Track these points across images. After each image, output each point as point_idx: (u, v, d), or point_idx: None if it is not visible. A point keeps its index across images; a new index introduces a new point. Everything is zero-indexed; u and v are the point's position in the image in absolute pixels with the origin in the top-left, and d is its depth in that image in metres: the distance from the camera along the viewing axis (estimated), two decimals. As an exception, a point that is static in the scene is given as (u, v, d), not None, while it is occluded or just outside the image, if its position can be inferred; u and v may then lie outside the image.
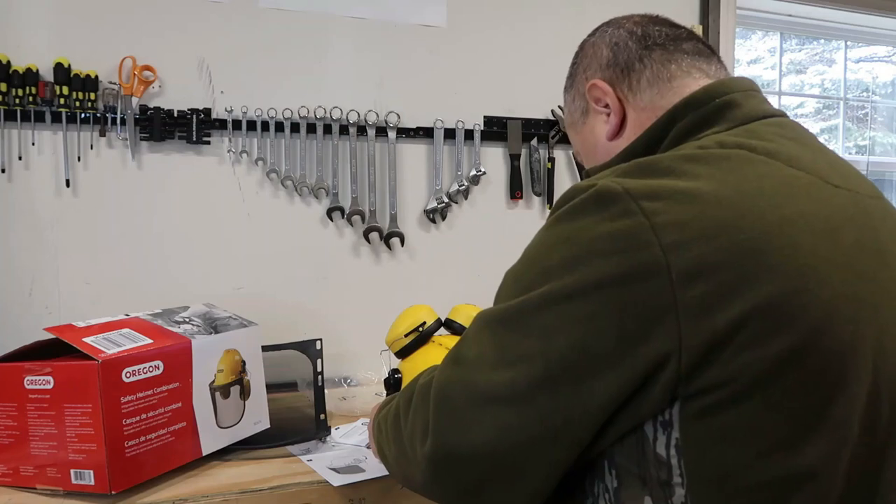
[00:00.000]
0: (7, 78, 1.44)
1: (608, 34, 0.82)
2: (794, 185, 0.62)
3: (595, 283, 0.58)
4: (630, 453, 0.62)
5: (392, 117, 1.72)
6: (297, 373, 1.45)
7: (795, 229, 0.59)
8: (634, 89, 0.77)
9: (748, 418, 0.57)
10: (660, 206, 0.58)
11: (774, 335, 0.56)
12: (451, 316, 1.27)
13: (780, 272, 0.57)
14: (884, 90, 2.65)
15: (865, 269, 0.61)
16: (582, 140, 0.85)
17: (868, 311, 0.60)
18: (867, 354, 0.60)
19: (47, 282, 1.51)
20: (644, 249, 0.56)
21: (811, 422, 0.58)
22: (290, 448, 1.15)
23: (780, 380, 0.56)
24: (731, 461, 0.58)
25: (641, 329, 0.56)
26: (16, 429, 0.97)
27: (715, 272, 0.56)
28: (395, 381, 1.21)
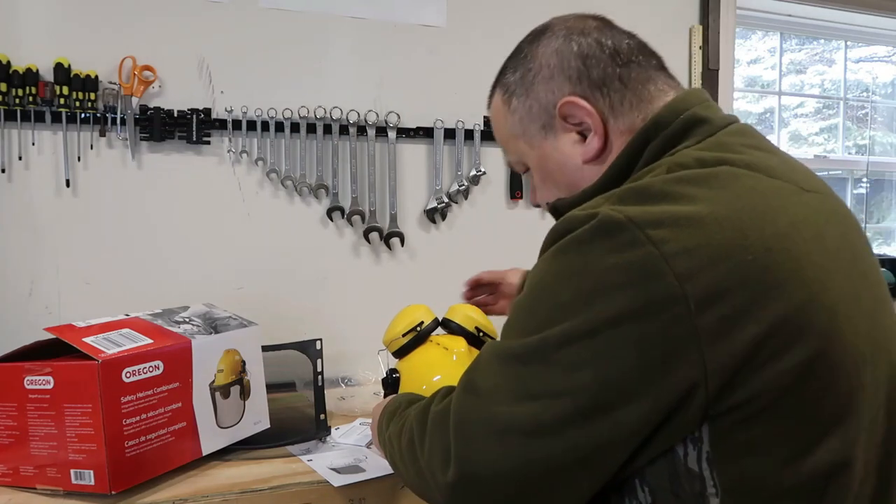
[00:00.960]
0: (7, 78, 1.44)
1: (574, 42, 0.78)
2: (779, 196, 0.64)
3: (615, 318, 0.58)
4: (661, 471, 0.63)
5: (392, 117, 1.72)
6: (295, 373, 1.45)
7: (791, 241, 0.61)
8: (617, 112, 0.75)
9: (775, 427, 0.58)
10: (665, 233, 0.58)
11: (791, 347, 0.58)
12: (448, 315, 1.27)
13: (787, 288, 0.58)
14: (883, 90, 2.65)
15: (847, 266, 0.64)
16: (539, 155, 0.80)
17: (856, 305, 0.63)
18: (863, 350, 0.62)
19: (47, 282, 1.51)
20: (659, 280, 0.57)
21: (828, 422, 0.60)
22: (290, 448, 1.15)
23: (801, 387, 0.58)
24: (761, 468, 0.59)
25: (666, 359, 0.57)
26: (16, 429, 0.97)
27: (729, 296, 0.57)
28: (394, 381, 1.21)
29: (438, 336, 1.25)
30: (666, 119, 0.71)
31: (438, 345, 1.23)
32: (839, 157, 2.56)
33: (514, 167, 0.87)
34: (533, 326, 0.63)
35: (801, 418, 0.59)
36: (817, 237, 0.63)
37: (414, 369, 1.22)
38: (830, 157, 2.53)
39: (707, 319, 0.56)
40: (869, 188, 2.60)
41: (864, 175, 2.57)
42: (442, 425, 0.69)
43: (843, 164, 2.55)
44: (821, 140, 2.59)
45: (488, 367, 0.67)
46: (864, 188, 2.59)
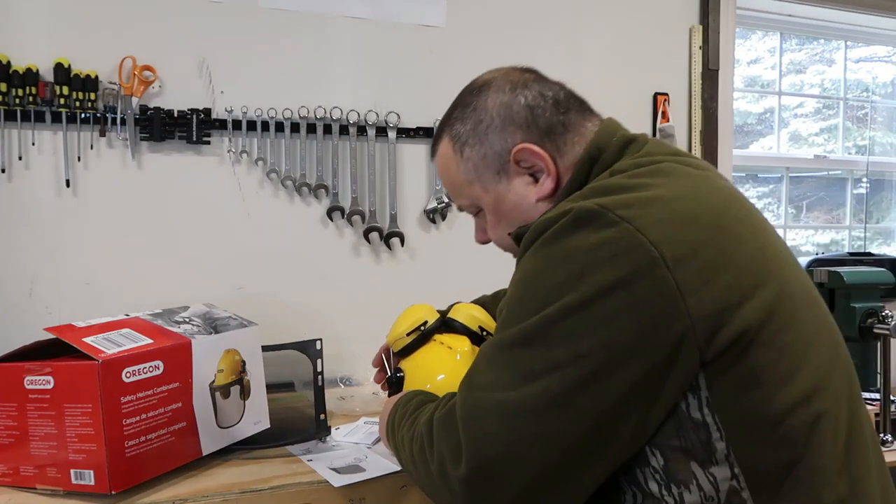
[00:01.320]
0: (7, 78, 1.44)
1: (520, 95, 0.87)
2: (705, 179, 0.77)
3: (607, 287, 0.65)
4: (668, 430, 0.68)
5: (392, 117, 1.72)
6: (294, 373, 1.45)
7: (731, 209, 0.73)
8: (563, 152, 0.84)
9: (757, 361, 0.66)
10: (634, 212, 0.67)
11: (757, 288, 0.67)
12: (451, 315, 1.27)
13: (741, 239, 0.70)
14: (883, 90, 2.65)
15: (769, 228, 0.78)
16: (495, 198, 0.88)
17: (785, 257, 0.76)
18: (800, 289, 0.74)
19: (47, 282, 1.51)
20: (637, 249, 0.65)
21: (799, 351, 0.69)
22: (290, 448, 1.15)
23: (771, 323, 0.67)
24: (754, 401, 0.66)
25: (656, 316, 0.64)
26: (16, 429, 0.97)
27: (699, 251, 0.66)
28: (398, 381, 1.21)
29: (442, 335, 1.25)
30: (604, 142, 0.82)
31: (442, 344, 1.23)
32: (839, 157, 2.56)
33: (466, 209, 0.96)
34: (530, 311, 0.68)
35: (778, 349, 0.67)
36: (737, 204, 0.75)
37: (418, 369, 1.22)
38: (830, 157, 2.53)
39: (684, 275, 0.64)
40: (869, 188, 2.60)
41: (863, 175, 2.57)
42: (448, 425, 0.72)
43: (842, 164, 2.55)
44: (821, 140, 2.59)
45: (488, 362, 0.72)
46: (863, 188, 2.59)
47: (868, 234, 2.59)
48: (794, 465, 0.67)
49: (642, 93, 2.01)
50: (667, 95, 2.02)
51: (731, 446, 0.66)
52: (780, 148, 2.49)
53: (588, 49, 1.94)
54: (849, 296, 1.47)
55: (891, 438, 1.42)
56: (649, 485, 0.71)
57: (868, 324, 1.45)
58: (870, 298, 1.48)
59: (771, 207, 2.51)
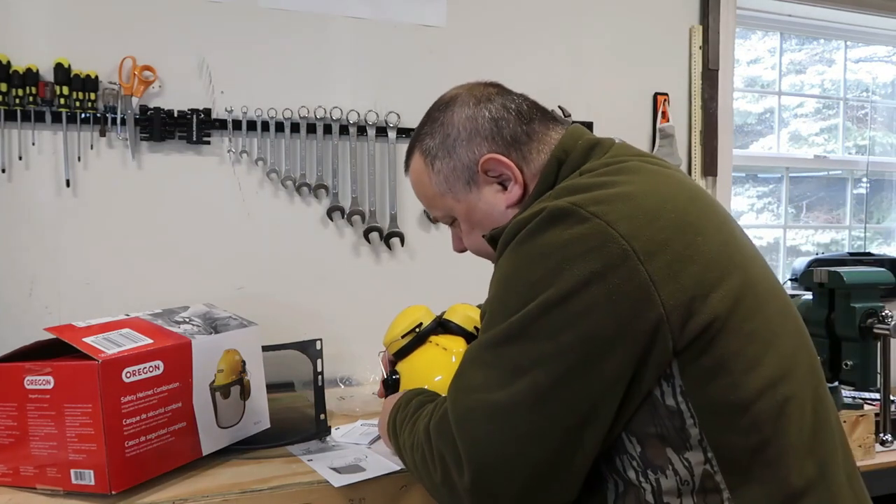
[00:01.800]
0: (7, 78, 1.44)
1: (485, 108, 0.90)
2: (671, 177, 0.80)
3: (584, 280, 0.68)
4: (644, 418, 0.71)
5: (392, 117, 1.72)
6: (294, 373, 1.45)
7: (696, 203, 0.77)
8: (528, 160, 0.88)
9: (726, 348, 0.69)
10: (604, 208, 0.70)
11: (722, 279, 0.70)
12: (447, 316, 1.26)
13: (706, 233, 0.72)
14: (883, 90, 2.65)
15: (731, 223, 0.80)
16: (466, 207, 0.93)
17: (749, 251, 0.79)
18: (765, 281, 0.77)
19: (47, 282, 1.51)
20: (610, 243, 0.68)
21: (764, 339, 0.72)
22: (291, 448, 1.15)
23: (736, 312, 0.70)
24: (724, 387, 0.69)
25: (633, 305, 0.67)
26: (16, 429, 0.97)
27: (668, 244, 0.69)
28: (394, 383, 1.21)
29: (438, 337, 1.25)
30: (570, 145, 0.86)
31: (438, 345, 1.23)
32: (839, 157, 2.56)
33: (441, 220, 1.01)
34: (511, 309, 0.71)
35: (745, 336, 0.70)
36: (700, 200, 0.78)
37: (414, 370, 1.21)
38: (830, 157, 2.53)
39: (655, 266, 0.68)
40: (869, 188, 2.60)
41: (863, 175, 2.57)
42: (444, 432, 0.74)
43: (842, 164, 2.55)
44: (821, 140, 2.59)
45: (474, 363, 0.74)
46: (863, 188, 2.59)
47: (868, 234, 2.59)
48: (764, 448, 0.70)
49: (642, 93, 2.01)
50: (667, 95, 2.02)
51: (704, 431, 0.69)
52: (780, 148, 2.49)
53: (588, 49, 1.94)
54: (849, 296, 1.47)
55: (891, 438, 1.42)
56: (628, 472, 0.73)
57: (868, 324, 1.45)
58: (870, 298, 1.48)
59: (771, 207, 2.51)
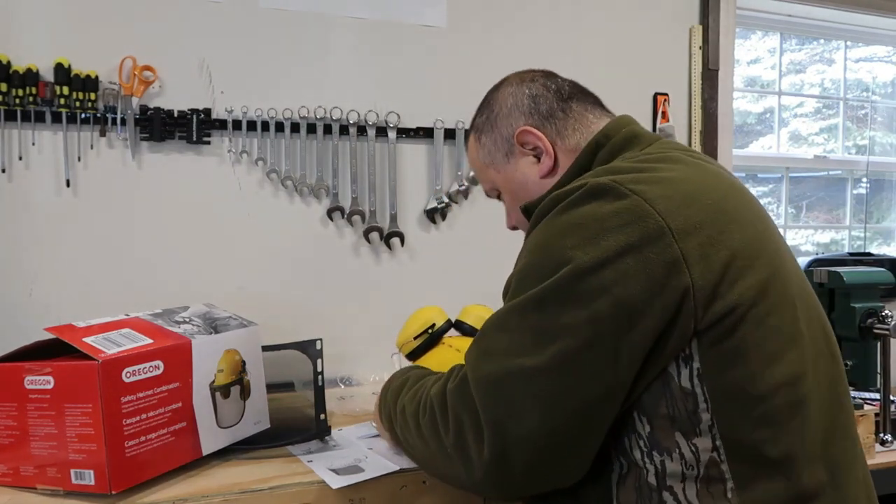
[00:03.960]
0: (7, 78, 1.44)
1: (525, 87, 0.97)
2: (712, 171, 0.82)
3: (618, 251, 0.69)
4: (657, 397, 0.72)
5: (392, 117, 1.72)
6: (294, 373, 1.45)
7: (733, 196, 0.79)
8: (562, 135, 0.93)
9: (747, 338, 0.70)
10: (644, 187, 0.72)
11: (751, 270, 0.71)
12: (460, 317, 1.27)
13: (741, 223, 0.74)
14: (883, 90, 2.65)
15: (770, 224, 0.82)
16: (504, 178, 0.99)
17: (785, 252, 0.81)
18: (797, 283, 0.79)
19: (47, 282, 1.51)
20: (647, 218, 0.70)
21: (787, 335, 0.73)
22: (291, 448, 1.15)
23: (762, 304, 0.71)
24: (741, 376, 0.70)
25: (662, 277, 0.68)
26: (16, 429, 0.97)
27: (702, 227, 0.71)
28: None
29: (451, 338, 1.25)
30: (612, 131, 0.89)
31: (451, 346, 1.23)
32: (839, 157, 2.56)
33: (489, 194, 1.06)
34: (544, 275, 0.71)
35: (767, 329, 0.71)
36: (739, 194, 0.81)
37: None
38: (830, 157, 2.53)
39: (688, 246, 0.69)
40: (869, 188, 2.60)
41: (863, 175, 2.57)
42: (464, 396, 0.74)
43: (842, 164, 2.55)
44: (821, 140, 2.59)
45: (499, 328, 0.75)
46: (864, 188, 2.59)
47: (868, 234, 2.59)
48: (773, 445, 0.70)
49: (642, 93, 2.01)
50: (667, 95, 2.02)
51: (716, 418, 0.70)
52: (780, 148, 2.49)
53: (588, 49, 1.93)
54: (849, 296, 1.47)
55: (891, 438, 1.42)
56: (633, 452, 0.74)
57: (868, 324, 1.45)
58: (870, 298, 1.48)
59: (771, 207, 2.51)
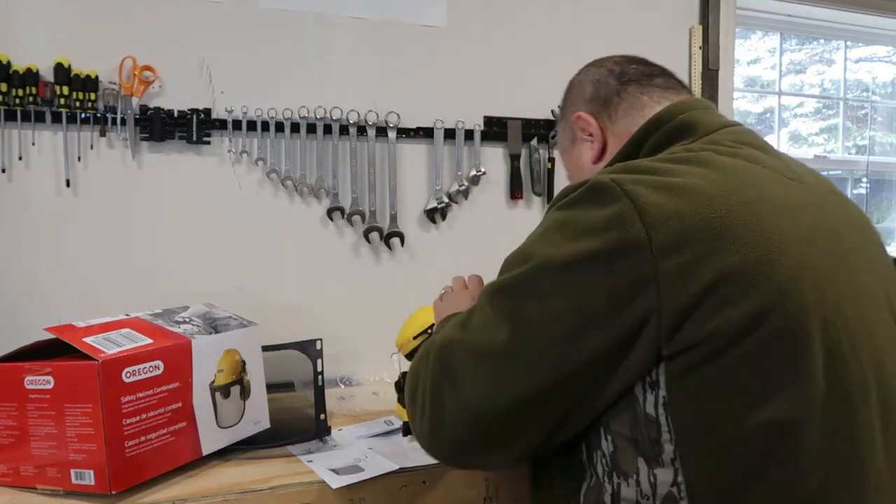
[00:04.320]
0: (7, 78, 1.44)
1: (591, 72, 0.97)
2: (755, 175, 0.73)
3: (588, 257, 0.66)
4: (623, 418, 0.69)
5: (392, 117, 1.72)
6: (294, 373, 1.45)
7: (756, 209, 0.68)
8: (613, 118, 0.92)
9: (725, 373, 0.64)
10: (642, 190, 0.67)
11: (743, 298, 0.64)
12: None
13: (745, 244, 0.65)
14: (883, 90, 2.65)
15: (822, 244, 0.70)
16: (572, 164, 1.00)
17: (827, 280, 0.69)
18: (828, 317, 0.67)
19: (47, 282, 1.51)
20: (630, 227, 0.65)
21: (782, 376, 0.65)
22: (291, 448, 1.15)
23: (750, 338, 0.64)
24: (713, 414, 0.65)
25: (627, 294, 0.65)
26: (16, 429, 0.97)
27: (689, 245, 0.64)
28: None
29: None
30: (664, 118, 0.84)
31: None
32: (839, 157, 2.56)
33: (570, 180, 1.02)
34: (519, 262, 0.72)
35: (749, 368, 0.64)
36: (789, 211, 0.70)
37: None
38: (830, 157, 2.53)
39: (668, 263, 0.64)
40: (869, 188, 2.60)
41: (863, 175, 2.57)
42: (425, 357, 0.78)
43: (842, 164, 2.55)
44: (821, 140, 2.59)
45: (480, 305, 0.75)
46: (864, 188, 2.59)
47: (868, 234, 2.58)
48: (745, 492, 0.65)
49: (642, 93, 2.00)
50: (667, 95, 2.02)
51: (679, 451, 0.66)
52: (780, 148, 2.48)
53: (588, 49, 1.92)
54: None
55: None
56: (597, 468, 0.73)
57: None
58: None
59: (771, 207, 2.51)
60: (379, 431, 1.22)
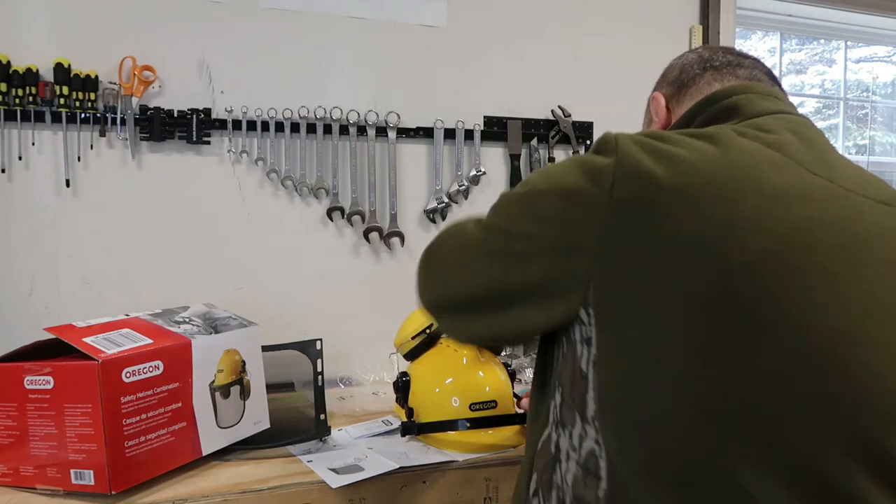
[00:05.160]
0: (7, 78, 1.44)
1: (684, 56, 0.97)
2: (760, 158, 0.68)
3: (560, 191, 0.70)
4: (567, 371, 0.72)
5: (392, 117, 1.72)
6: (294, 373, 1.45)
7: (740, 187, 0.65)
8: (680, 102, 0.92)
9: (648, 337, 0.64)
10: (635, 150, 0.68)
11: (687, 268, 0.62)
12: None
13: (708, 217, 0.63)
14: (884, 90, 2.65)
15: (818, 242, 0.64)
16: None
17: (818, 280, 0.63)
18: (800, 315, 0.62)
19: (47, 282, 1.51)
20: (601, 178, 0.68)
21: (714, 357, 0.62)
22: (291, 448, 1.15)
23: (686, 309, 0.62)
24: (632, 375, 0.65)
25: (576, 232, 0.68)
26: (16, 429, 0.97)
27: (646, 205, 0.65)
28: (404, 384, 1.22)
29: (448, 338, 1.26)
30: (715, 98, 0.84)
31: (449, 346, 1.24)
32: (839, 157, 2.55)
33: None
34: (522, 184, 0.78)
35: (676, 338, 0.62)
36: (780, 198, 0.65)
37: (425, 372, 1.22)
38: (830, 157, 2.53)
39: (618, 214, 0.66)
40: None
41: (864, 175, 2.57)
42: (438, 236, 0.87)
43: (843, 164, 2.55)
44: (821, 140, 2.59)
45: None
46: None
47: (868, 234, 2.59)
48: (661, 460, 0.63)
49: (642, 93, 2.00)
50: (667, 95, 2.02)
51: (599, 410, 0.67)
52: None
53: (588, 49, 1.93)
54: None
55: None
56: (550, 417, 0.77)
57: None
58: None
59: (771, 207, 2.51)
60: (377, 431, 1.22)
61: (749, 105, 0.80)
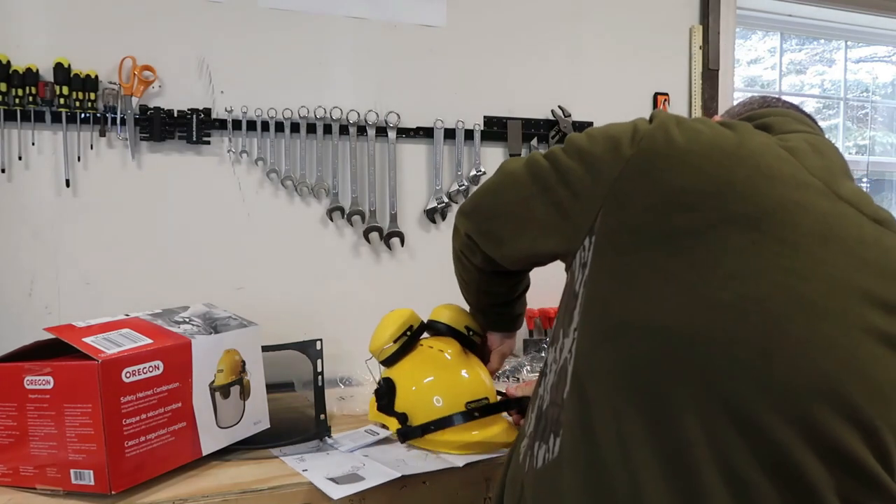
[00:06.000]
0: (7, 78, 1.44)
1: (752, 96, 1.04)
2: (769, 151, 0.73)
3: (609, 137, 0.79)
4: (563, 298, 0.82)
5: (392, 117, 1.72)
6: (294, 373, 1.45)
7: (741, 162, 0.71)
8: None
9: (637, 266, 0.70)
10: (670, 122, 0.76)
11: (677, 212, 0.70)
12: (432, 317, 1.25)
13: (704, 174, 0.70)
14: (884, 90, 2.65)
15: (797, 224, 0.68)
16: None
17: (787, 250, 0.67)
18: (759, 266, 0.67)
19: (47, 282, 1.51)
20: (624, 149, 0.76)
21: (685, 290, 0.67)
22: (285, 459, 1.11)
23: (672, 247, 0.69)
24: (612, 288, 0.72)
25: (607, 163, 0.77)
26: (16, 429, 0.97)
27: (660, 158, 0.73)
28: (389, 390, 1.19)
29: (427, 339, 1.24)
30: (753, 117, 0.89)
31: (431, 348, 1.21)
32: (839, 157, 2.55)
33: None
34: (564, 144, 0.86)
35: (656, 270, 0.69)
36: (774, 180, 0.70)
37: (406, 375, 1.19)
38: (830, 157, 2.53)
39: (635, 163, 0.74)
40: (869, 188, 2.60)
41: (864, 175, 2.57)
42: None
43: (843, 164, 2.55)
44: (821, 140, 2.59)
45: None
46: (864, 188, 2.59)
47: (868, 234, 2.58)
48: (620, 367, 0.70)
49: (642, 93, 2.01)
50: (667, 95, 2.02)
51: (581, 322, 0.75)
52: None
53: (588, 49, 1.93)
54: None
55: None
56: (549, 337, 0.87)
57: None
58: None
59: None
60: (369, 442, 1.18)
61: (781, 125, 0.85)
